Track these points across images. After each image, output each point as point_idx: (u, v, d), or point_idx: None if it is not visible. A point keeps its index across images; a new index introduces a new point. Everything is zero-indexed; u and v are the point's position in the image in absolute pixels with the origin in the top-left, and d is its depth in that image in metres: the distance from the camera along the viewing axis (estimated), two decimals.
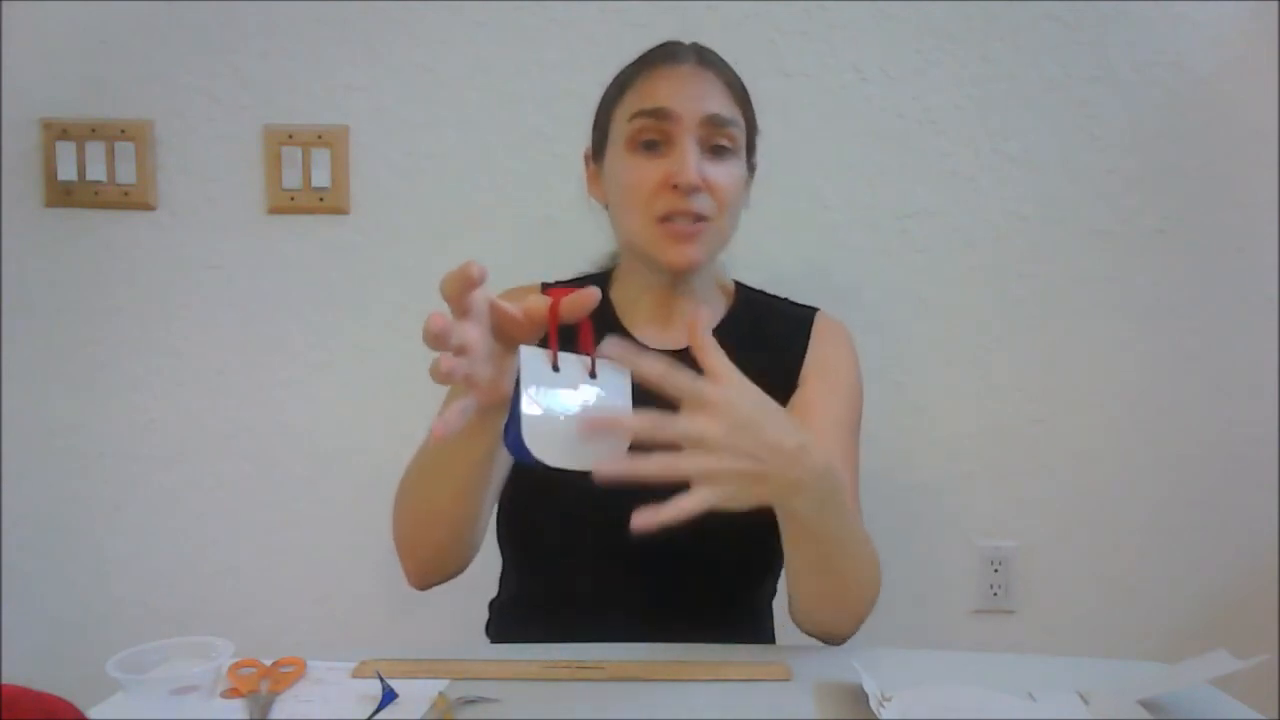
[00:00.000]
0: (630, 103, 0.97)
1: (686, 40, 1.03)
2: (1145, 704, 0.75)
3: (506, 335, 0.70)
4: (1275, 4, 1.44)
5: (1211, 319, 1.50)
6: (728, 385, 0.68)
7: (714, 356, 0.69)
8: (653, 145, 0.95)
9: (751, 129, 1.04)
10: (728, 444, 0.66)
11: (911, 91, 1.47)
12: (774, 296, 1.12)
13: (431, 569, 0.95)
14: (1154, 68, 1.46)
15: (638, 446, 0.66)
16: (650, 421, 0.65)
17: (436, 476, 0.89)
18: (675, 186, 0.93)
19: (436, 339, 0.63)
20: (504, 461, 0.94)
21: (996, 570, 1.53)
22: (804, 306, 1.11)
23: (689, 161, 0.93)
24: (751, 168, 1.06)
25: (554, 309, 0.68)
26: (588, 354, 0.70)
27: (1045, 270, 1.50)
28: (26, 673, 0.75)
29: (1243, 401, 1.51)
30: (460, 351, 0.65)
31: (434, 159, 1.48)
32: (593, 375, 0.70)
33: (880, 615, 1.59)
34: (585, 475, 0.65)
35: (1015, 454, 1.52)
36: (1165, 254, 1.49)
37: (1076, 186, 1.48)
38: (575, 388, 0.69)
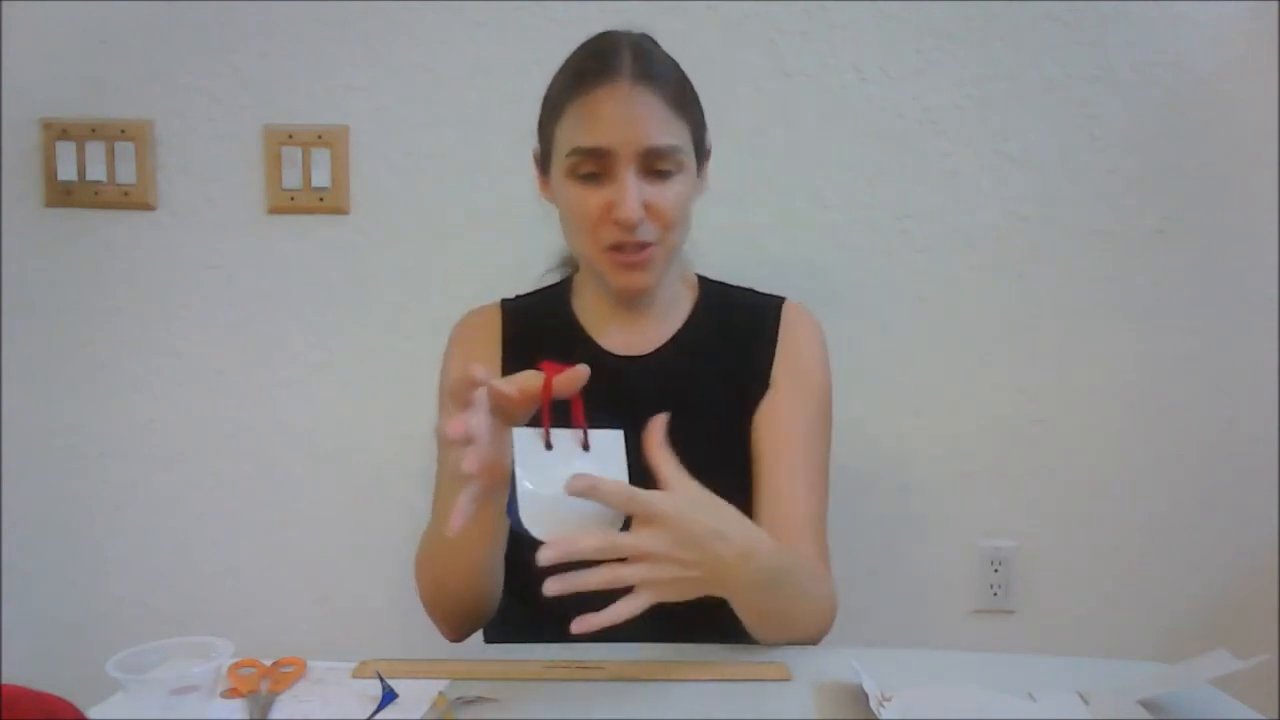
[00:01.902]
0: (568, 130, 0.96)
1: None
2: (1145, 704, 0.75)
3: (503, 412, 0.73)
4: (1275, 4, 1.44)
5: (1211, 319, 1.50)
6: (679, 495, 0.72)
7: (667, 465, 0.73)
8: (593, 176, 0.95)
9: (699, 129, 1.01)
10: (671, 556, 0.71)
11: (911, 91, 1.47)
12: (738, 288, 1.11)
13: (464, 625, 1.01)
14: (1154, 68, 1.46)
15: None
16: (603, 541, 0.69)
17: (451, 554, 0.92)
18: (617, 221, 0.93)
19: (456, 445, 0.69)
20: None
21: (996, 570, 1.53)
22: (770, 296, 1.10)
23: (628, 198, 0.92)
24: (705, 153, 1.04)
25: (546, 387, 0.72)
26: (580, 427, 0.73)
27: (1045, 270, 1.50)
28: (26, 673, 0.74)
29: (1243, 401, 1.51)
30: (467, 441, 0.69)
31: (434, 159, 1.48)
32: (586, 448, 0.73)
33: (880, 615, 1.59)
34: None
35: (1015, 454, 1.52)
36: (1165, 254, 1.49)
37: (1076, 186, 1.48)
38: (569, 463, 0.72)
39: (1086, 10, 1.45)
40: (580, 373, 0.73)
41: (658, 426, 0.73)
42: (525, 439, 0.71)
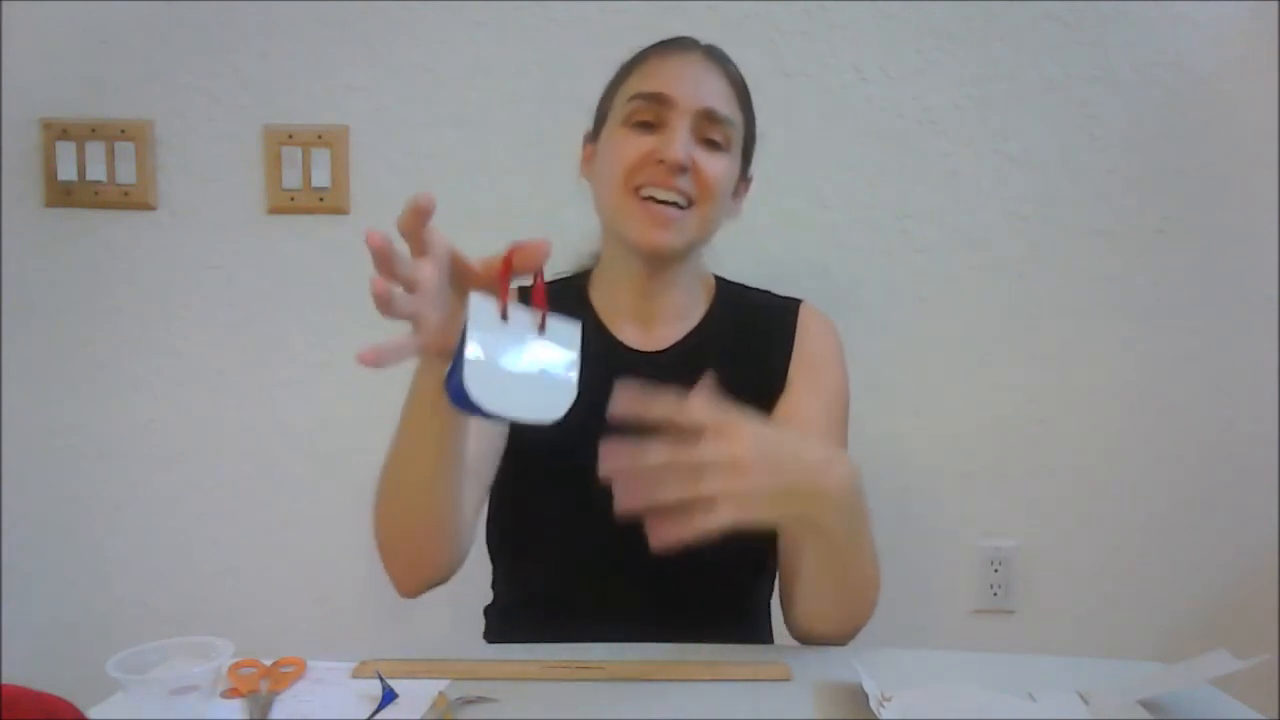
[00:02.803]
0: (633, 84, 0.98)
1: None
2: (1145, 704, 0.75)
3: (463, 287, 0.70)
4: (1275, 4, 1.44)
5: (1211, 319, 1.50)
6: (745, 420, 0.68)
7: (719, 414, 0.68)
8: (647, 126, 0.96)
9: (750, 135, 1.03)
10: (756, 463, 0.66)
11: (911, 91, 1.47)
12: (755, 290, 1.11)
13: (416, 571, 0.92)
14: (1154, 68, 1.46)
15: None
16: (670, 452, 0.65)
17: (405, 463, 0.86)
18: (661, 161, 0.93)
19: (377, 254, 0.65)
20: (481, 458, 0.94)
21: (996, 570, 1.53)
22: (787, 299, 1.09)
23: (678, 141, 0.93)
24: (748, 179, 1.05)
25: (507, 259, 0.69)
26: (540, 309, 0.70)
27: (1045, 270, 1.50)
28: (26, 673, 0.75)
29: (1243, 401, 1.51)
30: (411, 288, 0.66)
31: (434, 159, 1.48)
32: (542, 329, 0.69)
33: (880, 615, 1.58)
34: (580, 484, 0.67)
35: (1015, 454, 1.52)
36: (1165, 254, 1.49)
37: (1076, 186, 1.48)
38: (523, 339, 0.69)
39: (1086, 10, 1.45)
40: (542, 245, 0.69)
41: (706, 387, 0.68)
42: (480, 304, 0.67)
